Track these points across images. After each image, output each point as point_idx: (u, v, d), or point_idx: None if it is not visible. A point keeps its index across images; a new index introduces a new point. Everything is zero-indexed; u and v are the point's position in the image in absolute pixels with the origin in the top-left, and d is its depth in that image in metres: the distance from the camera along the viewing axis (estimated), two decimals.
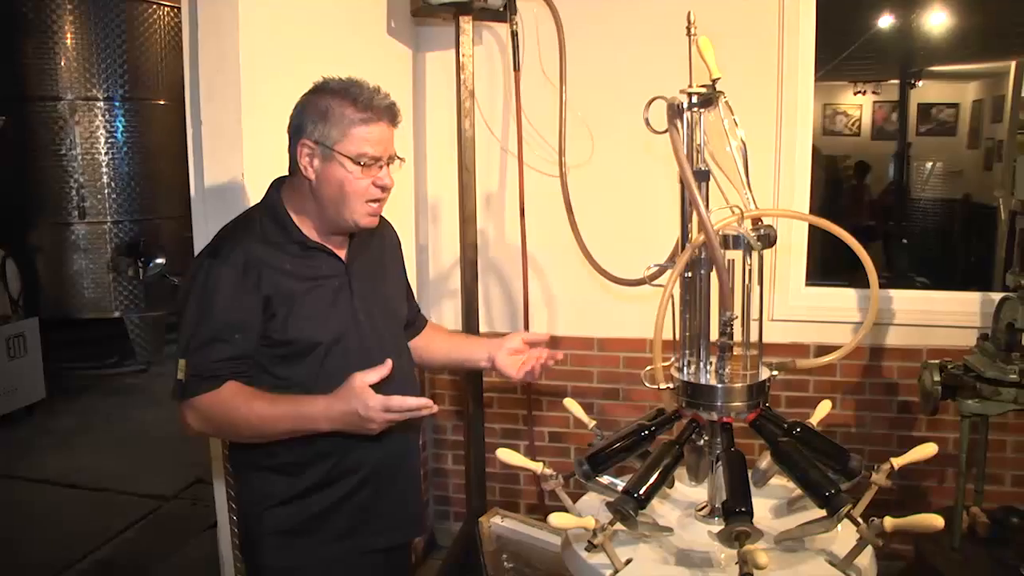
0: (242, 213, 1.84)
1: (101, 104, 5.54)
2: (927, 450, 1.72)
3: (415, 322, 2.15)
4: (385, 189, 1.74)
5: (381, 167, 1.71)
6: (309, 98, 1.72)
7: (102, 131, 5.57)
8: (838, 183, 8.50)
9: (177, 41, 5.60)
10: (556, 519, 1.53)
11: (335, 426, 1.66)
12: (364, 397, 1.62)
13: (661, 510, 1.83)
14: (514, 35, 2.89)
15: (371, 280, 1.87)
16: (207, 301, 1.66)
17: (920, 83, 8.59)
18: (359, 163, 1.68)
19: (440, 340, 2.19)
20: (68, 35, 5.42)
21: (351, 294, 1.80)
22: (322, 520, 1.78)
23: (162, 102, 5.73)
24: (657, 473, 1.63)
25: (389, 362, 1.67)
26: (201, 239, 2.25)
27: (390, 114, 1.71)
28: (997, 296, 2.44)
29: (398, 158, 1.76)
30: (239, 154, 2.18)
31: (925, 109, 8.98)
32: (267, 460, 1.76)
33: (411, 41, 3.11)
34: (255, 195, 2.11)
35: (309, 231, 1.76)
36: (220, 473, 2.36)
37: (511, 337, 2.06)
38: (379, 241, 1.94)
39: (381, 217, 1.86)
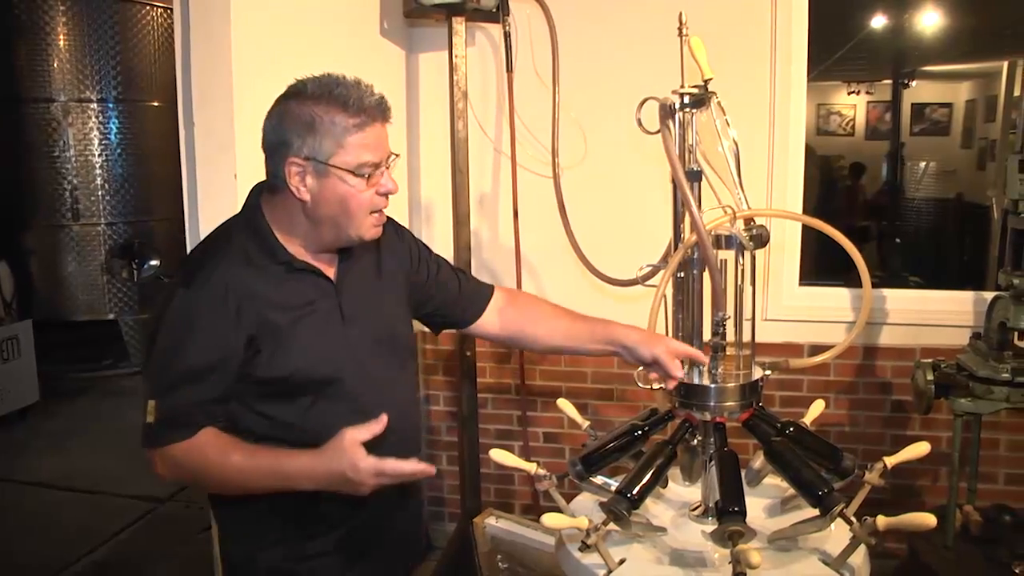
0: (219, 228, 1.65)
1: (95, 106, 5.53)
2: (920, 449, 1.73)
3: (470, 294, 1.89)
4: (389, 195, 1.57)
5: (382, 172, 1.54)
6: (287, 107, 1.50)
7: (95, 133, 5.56)
8: (832, 183, 8.53)
9: (171, 42, 5.59)
10: (549, 519, 1.53)
11: (319, 486, 1.46)
12: (354, 457, 1.42)
13: (655, 510, 1.83)
14: (507, 36, 2.89)
15: (366, 298, 1.66)
16: (180, 336, 1.48)
17: (913, 83, 8.62)
18: (361, 174, 1.49)
19: (552, 321, 1.90)
20: (61, 37, 5.41)
21: (342, 319, 1.61)
22: (320, 558, 1.63)
23: (156, 104, 5.72)
24: (650, 473, 1.64)
25: (384, 418, 1.46)
26: (193, 241, 2.24)
27: (382, 112, 1.53)
28: (990, 295, 2.44)
29: (394, 155, 1.58)
30: (232, 155, 2.18)
31: (919, 109, 9.01)
32: (261, 499, 1.56)
33: (404, 42, 3.11)
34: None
35: (296, 249, 1.57)
36: None
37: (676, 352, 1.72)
38: (372, 246, 1.70)
39: None
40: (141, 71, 5.67)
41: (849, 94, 9.45)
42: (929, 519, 1.58)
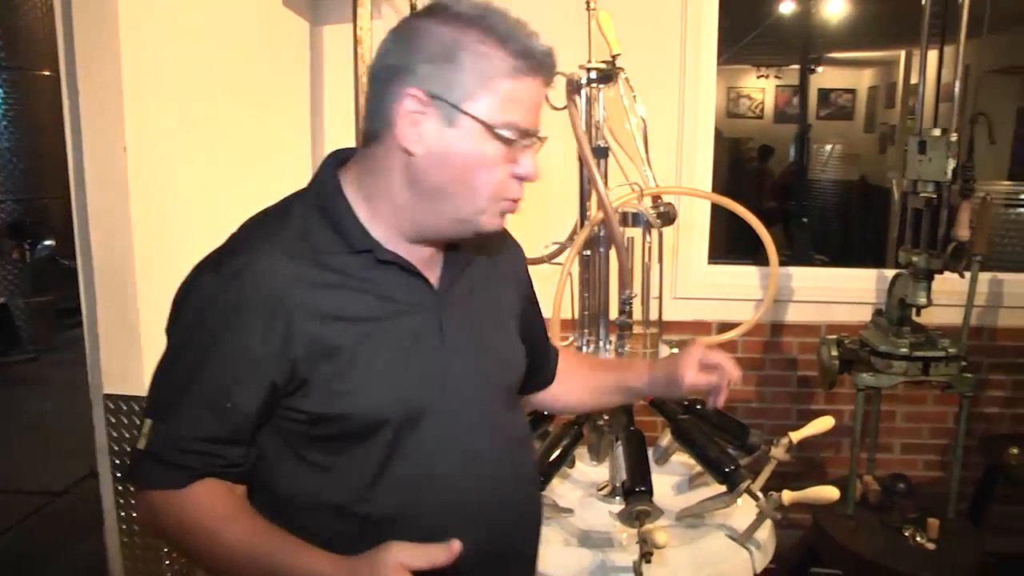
0: (280, 201, 1.18)
1: None
2: (824, 424, 1.76)
3: (546, 368, 1.46)
4: (527, 181, 1.13)
5: (527, 148, 1.10)
6: (421, 25, 1.07)
7: None
8: (741, 164, 8.74)
9: None
10: None
11: None
12: None
13: (561, 490, 1.82)
14: (413, 8, 2.81)
15: (478, 318, 1.22)
16: (193, 341, 1.07)
17: (820, 69, 8.87)
18: (502, 137, 1.06)
19: (580, 378, 1.48)
20: None
21: (442, 342, 1.15)
22: None
23: (46, 73, 5.39)
24: (557, 453, 1.62)
25: (456, 545, 0.98)
26: (82, 220, 2.11)
27: (549, 68, 1.10)
28: (891, 273, 2.51)
29: (542, 137, 1.14)
30: (120, 126, 2.04)
31: (824, 94, 9.30)
32: None
33: (308, 14, 2.99)
34: (139, 171, 1.99)
35: (383, 234, 1.12)
36: (107, 467, 2.23)
37: (697, 353, 1.34)
38: (489, 245, 1.28)
39: None
40: (27, 37, 5.32)
41: (758, 78, 9.69)
42: (832, 493, 1.61)
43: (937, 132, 2.22)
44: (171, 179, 2.11)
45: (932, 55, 2.36)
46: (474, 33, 1.04)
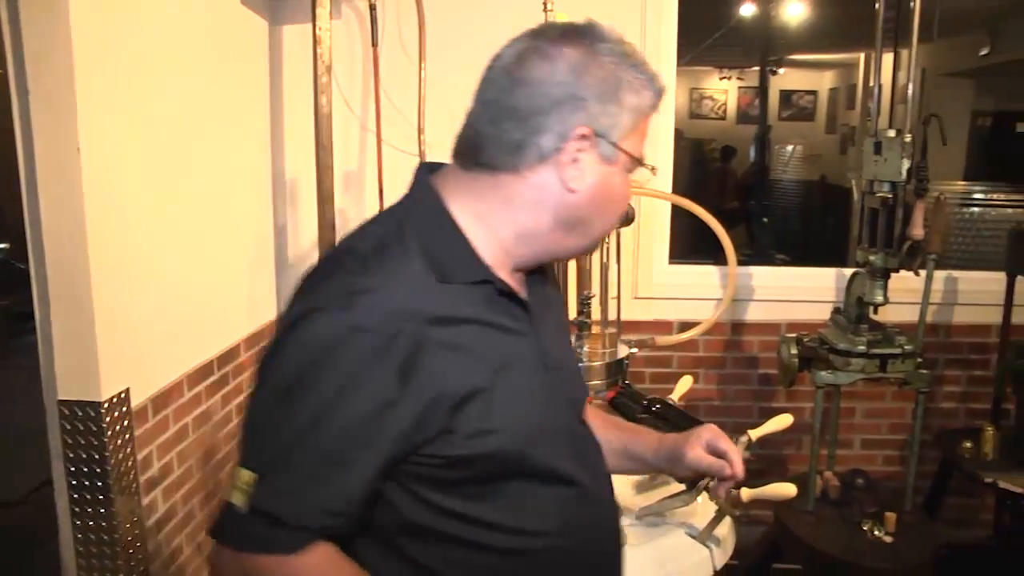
0: (379, 220, 1.09)
1: None
2: (783, 421, 1.78)
3: None
4: None
5: None
6: (585, 55, 1.01)
7: None
8: (704, 165, 8.83)
9: None
10: None
11: None
12: None
13: None
14: (372, 8, 2.80)
15: (554, 336, 1.18)
16: (318, 384, 0.92)
17: (781, 70, 8.99)
18: (632, 170, 1.09)
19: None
20: None
21: (545, 364, 1.09)
22: None
23: None
24: None
25: None
26: (35, 225, 2.06)
27: None
28: (850, 272, 2.54)
29: None
30: (73, 127, 2.00)
31: (786, 95, 9.43)
32: None
33: (267, 12, 2.97)
34: (94, 172, 1.96)
35: (493, 262, 1.05)
36: (61, 475, 2.19)
37: (707, 435, 1.31)
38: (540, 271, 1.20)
39: None
40: None
41: (721, 79, 9.80)
42: (790, 489, 1.63)
43: (892, 133, 2.26)
44: (126, 180, 2.08)
45: (888, 58, 2.40)
46: (631, 71, 1.03)
